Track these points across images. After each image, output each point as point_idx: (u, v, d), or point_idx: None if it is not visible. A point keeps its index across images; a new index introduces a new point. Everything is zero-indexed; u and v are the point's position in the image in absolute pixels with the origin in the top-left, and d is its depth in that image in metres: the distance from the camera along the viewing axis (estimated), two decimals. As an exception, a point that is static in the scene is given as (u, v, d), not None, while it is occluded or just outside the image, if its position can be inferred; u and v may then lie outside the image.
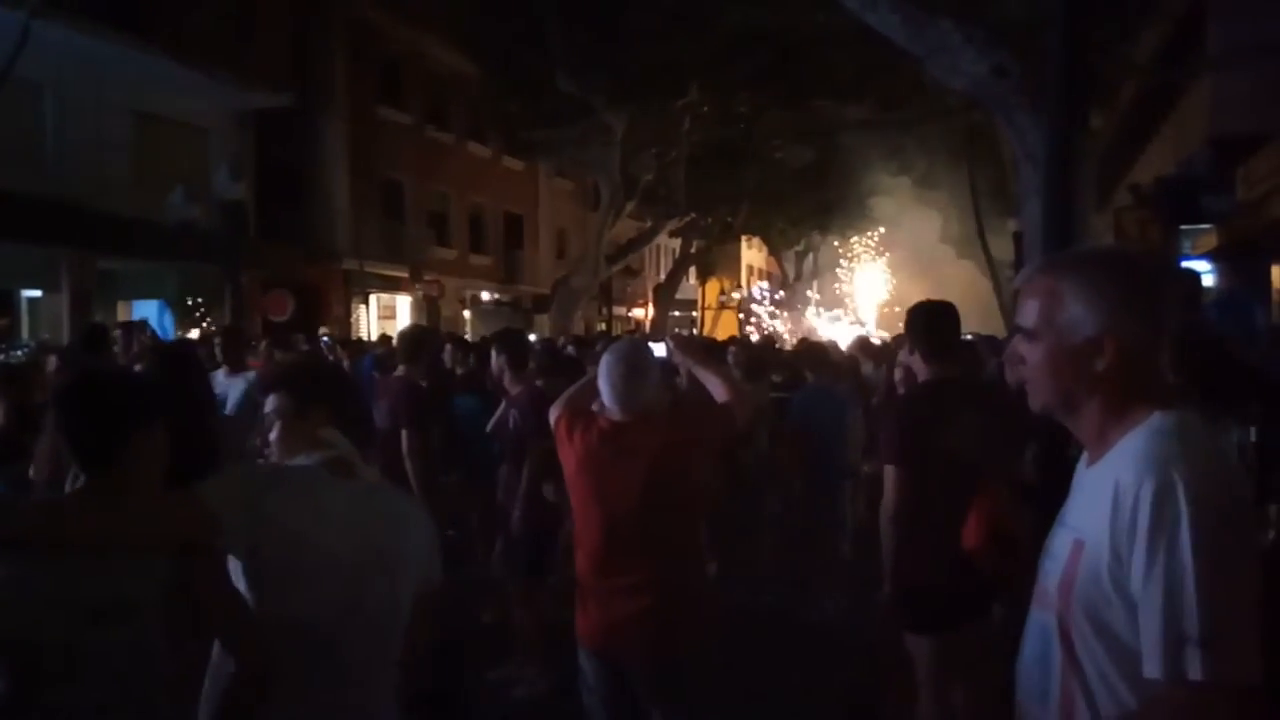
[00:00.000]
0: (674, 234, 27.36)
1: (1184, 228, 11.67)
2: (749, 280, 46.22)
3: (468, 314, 24.79)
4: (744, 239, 38.26)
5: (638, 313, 34.43)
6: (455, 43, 20.47)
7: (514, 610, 4.98)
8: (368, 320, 21.17)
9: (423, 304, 22.18)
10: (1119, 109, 10.60)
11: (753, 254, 47.85)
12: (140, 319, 10.00)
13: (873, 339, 12.41)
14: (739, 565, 6.09)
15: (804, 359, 7.05)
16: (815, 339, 14.93)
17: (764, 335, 26.43)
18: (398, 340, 6.21)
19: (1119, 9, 8.25)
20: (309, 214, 19.32)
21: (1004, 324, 13.00)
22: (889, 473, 3.32)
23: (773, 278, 43.84)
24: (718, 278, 36.53)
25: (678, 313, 33.17)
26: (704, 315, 36.68)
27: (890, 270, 44.17)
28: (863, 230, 36.23)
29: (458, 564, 4.95)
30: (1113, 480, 1.38)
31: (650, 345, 3.32)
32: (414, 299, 22.25)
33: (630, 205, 20.64)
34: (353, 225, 20.11)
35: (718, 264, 33.61)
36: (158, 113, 15.22)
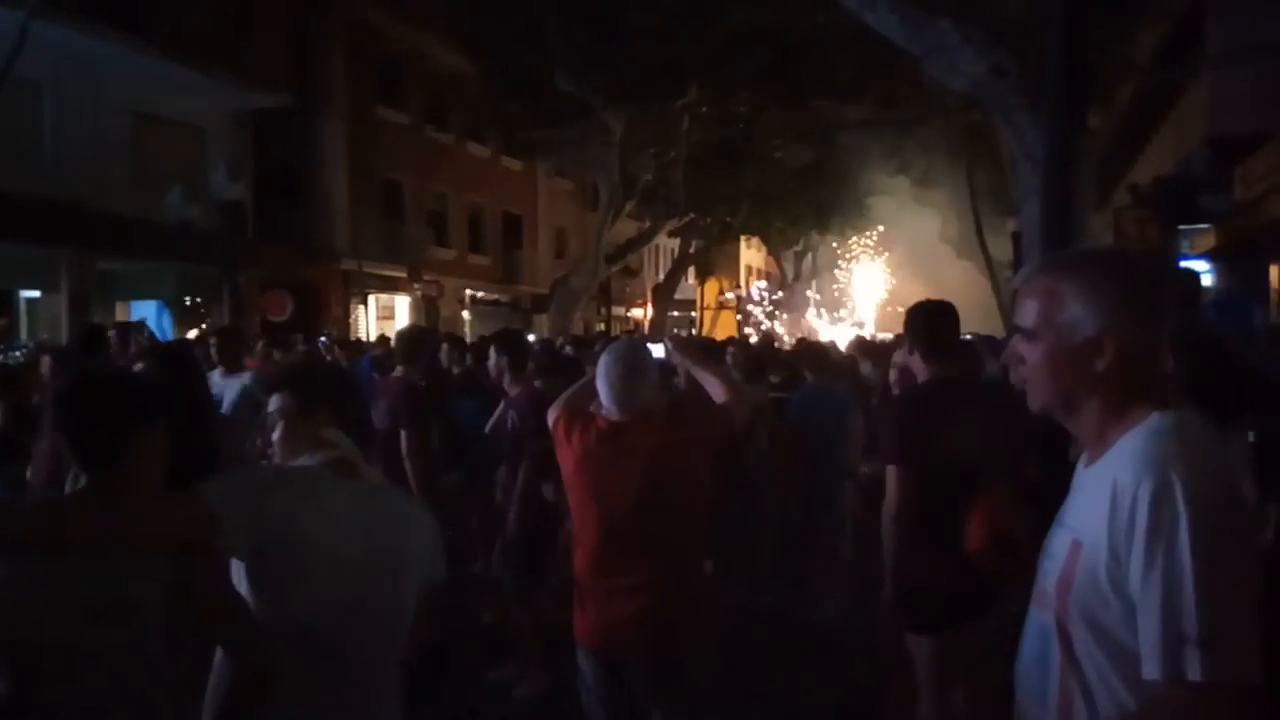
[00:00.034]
0: (673, 234, 27.35)
1: (1182, 227, 11.71)
2: (748, 280, 46.19)
3: (466, 314, 24.76)
4: (743, 239, 38.24)
5: (636, 313, 34.40)
6: (455, 43, 20.46)
7: (513, 610, 4.98)
8: (366, 320, 21.16)
9: (421, 304, 22.17)
10: (1118, 109, 10.60)
11: (752, 254, 47.83)
12: (138, 319, 10.00)
13: (874, 339, 12.41)
14: (739, 565, 6.08)
15: (803, 359, 7.05)
16: (814, 339, 14.91)
17: (762, 335, 26.39)
18: (396, 341, 6.21)
19: (1118, 9, 8.25)
20: (308, 214, 19.30)
21: (1003, 324, 12.98)
22: (890, 473, 3.31)
23: (771, 277, 43.82)
24: (717, 278, 36.53)
25: (676, 313, 33.19)
26: (703, 315, 36.69)
27: (889, 270, 44.23)
28: (861, 230, 36.24)
29: (457, 564, 4.94)
30: (1111, 480, 1.38)
31: (649, 345, 3.32)
32: (413, 299, 22.23)
33: (629, 205, 20.64)
34: (351, 225, 20.09)
35: (717, 264, 33.59)
36: (156, 113, 15.20)
